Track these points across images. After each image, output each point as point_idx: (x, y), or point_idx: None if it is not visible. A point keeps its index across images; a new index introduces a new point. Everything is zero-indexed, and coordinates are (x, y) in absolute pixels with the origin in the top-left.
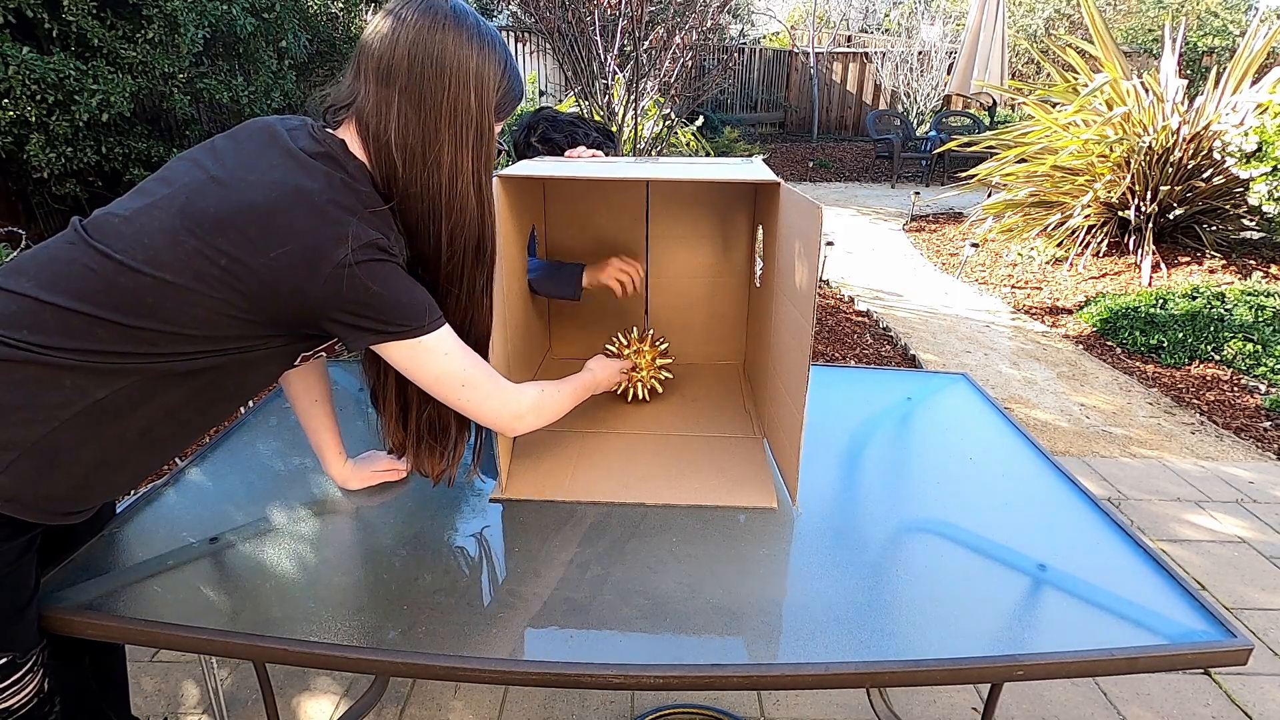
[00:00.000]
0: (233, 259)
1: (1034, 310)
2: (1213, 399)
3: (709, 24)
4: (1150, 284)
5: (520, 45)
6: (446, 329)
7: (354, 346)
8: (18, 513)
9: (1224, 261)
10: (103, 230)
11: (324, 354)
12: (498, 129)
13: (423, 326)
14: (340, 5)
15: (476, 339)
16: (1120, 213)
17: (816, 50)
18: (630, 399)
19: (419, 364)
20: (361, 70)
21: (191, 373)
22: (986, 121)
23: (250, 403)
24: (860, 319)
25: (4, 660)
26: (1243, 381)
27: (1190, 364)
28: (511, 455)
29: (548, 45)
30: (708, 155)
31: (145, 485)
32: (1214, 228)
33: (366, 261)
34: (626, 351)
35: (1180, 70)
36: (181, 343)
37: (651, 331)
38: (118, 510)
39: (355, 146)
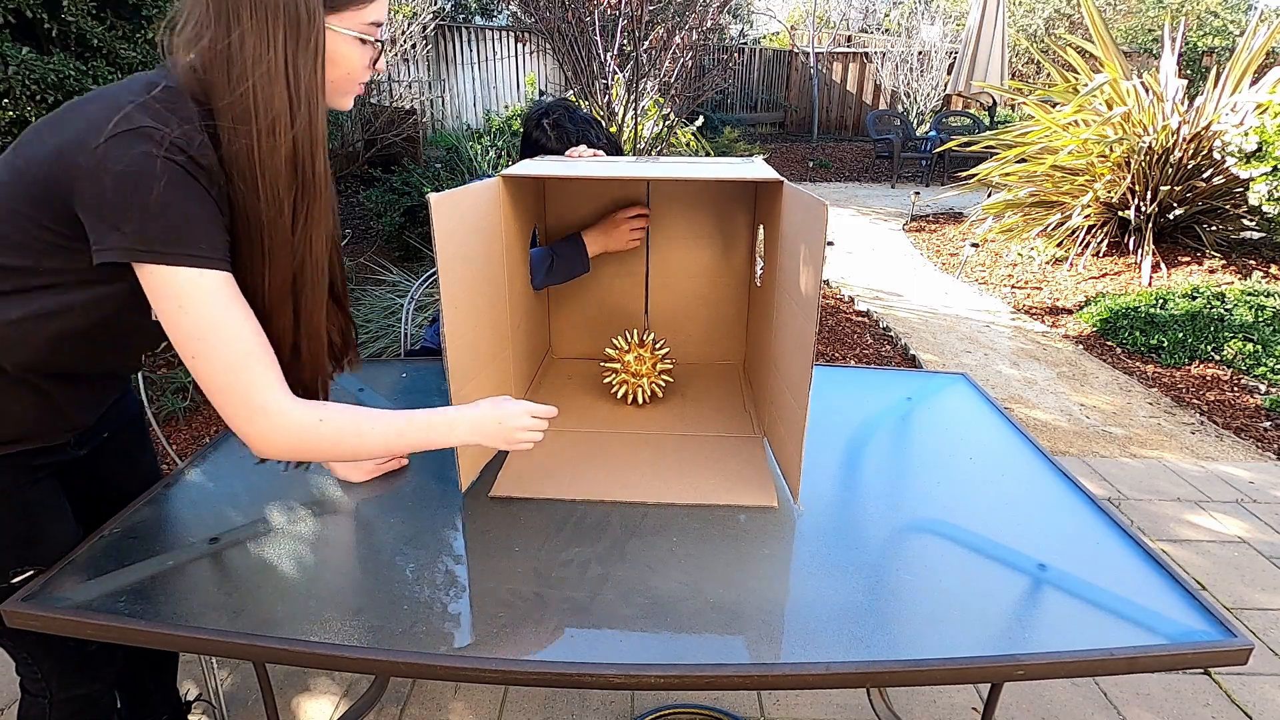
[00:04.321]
0: (26, 159)
1: (1034, 310)
2: (1213, 399)
3: (709, 24)
4: (1150, 284)
5: (520, 45)
6: (203, 275)
7: (100, 258)
8: None
9: (1224, 261)
10: None
11: None
12: (357, 19)
13: (163, 254)
14: None
15: (301, 306)
16: (1120, 213)
17: (816, 50)
18: (630, 403)
19: (157, 308)
20: None
21: (36, 318)
22: (986, 121)
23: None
24: (860, 319)
25: (28, 574)
26: (1243, 381)
27: (1190, 364)
28: (496, 454)
29: (548, 45)
30: (708, 155)
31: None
32: (1214, 228)
33: (122, 147)
34: (627, 356)
35: (1180, 70)
36: (6, 273)
37: (652, 335)
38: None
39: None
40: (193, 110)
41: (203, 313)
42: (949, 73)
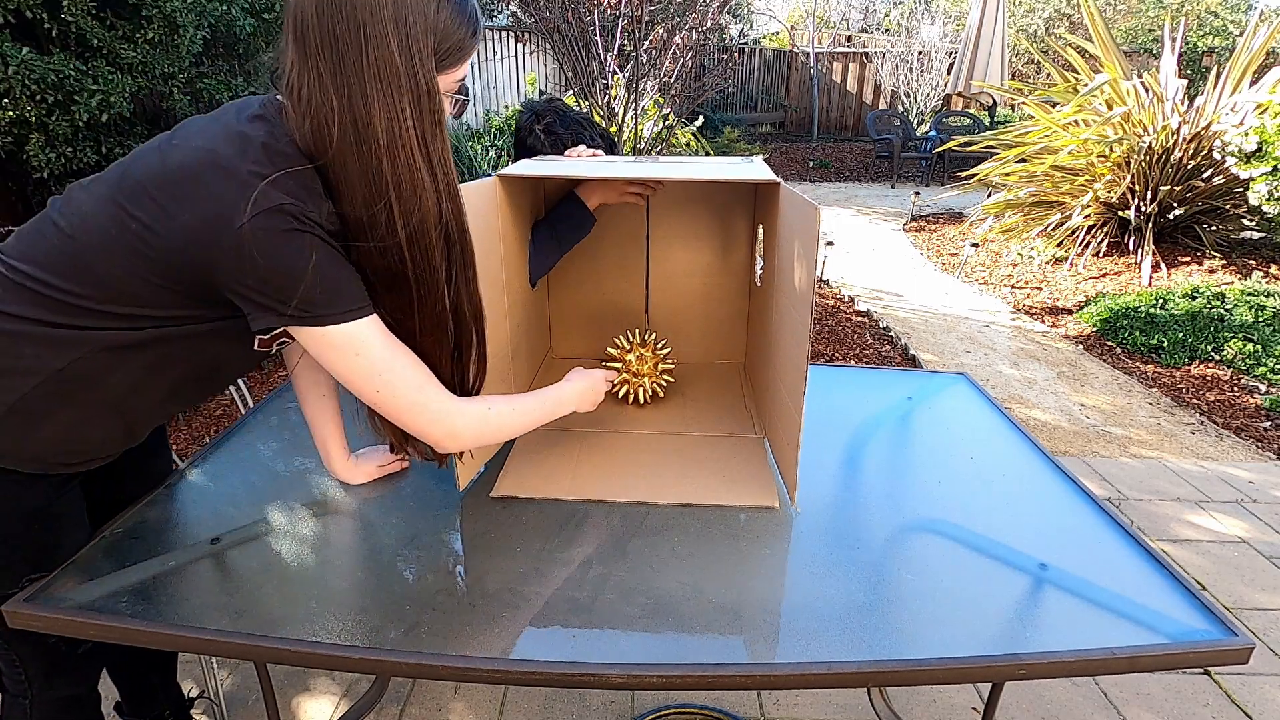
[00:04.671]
0: (142, 224)
1: (1034, 310)
2: (1213, 399)
3: (709, 24)
4: (1150, 284)
5: (520, 45)
6: (365, 324)
7: (257, 326)
8: (13, 465)
9: (1224, 261)
10: (66, 198)
11: None
12: (452, 79)
13: (327, 315)
14: None
15: (463, 340)
16: (1120, 213)
17: (816, 50)
18: (631, 403)
19: (327, 358)
20: (285, 31)
21: (140, 345)
22: (986, 121)
23: (251, 401)
24: (860, 319)
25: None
26: (1243, 381)
27: (1190, 364)
28: (496, 451)
29: (548, 45)
30: (708, 155)
31: None
32: (1214, 228)
33: (268, 228)
34: (629, 356)
35: (1180, 70)
36: (118, 318)
37: (654, 335)
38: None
39: (291, 115)
40: (317, 181)
41: (376, 353)
42: (949, 73)
